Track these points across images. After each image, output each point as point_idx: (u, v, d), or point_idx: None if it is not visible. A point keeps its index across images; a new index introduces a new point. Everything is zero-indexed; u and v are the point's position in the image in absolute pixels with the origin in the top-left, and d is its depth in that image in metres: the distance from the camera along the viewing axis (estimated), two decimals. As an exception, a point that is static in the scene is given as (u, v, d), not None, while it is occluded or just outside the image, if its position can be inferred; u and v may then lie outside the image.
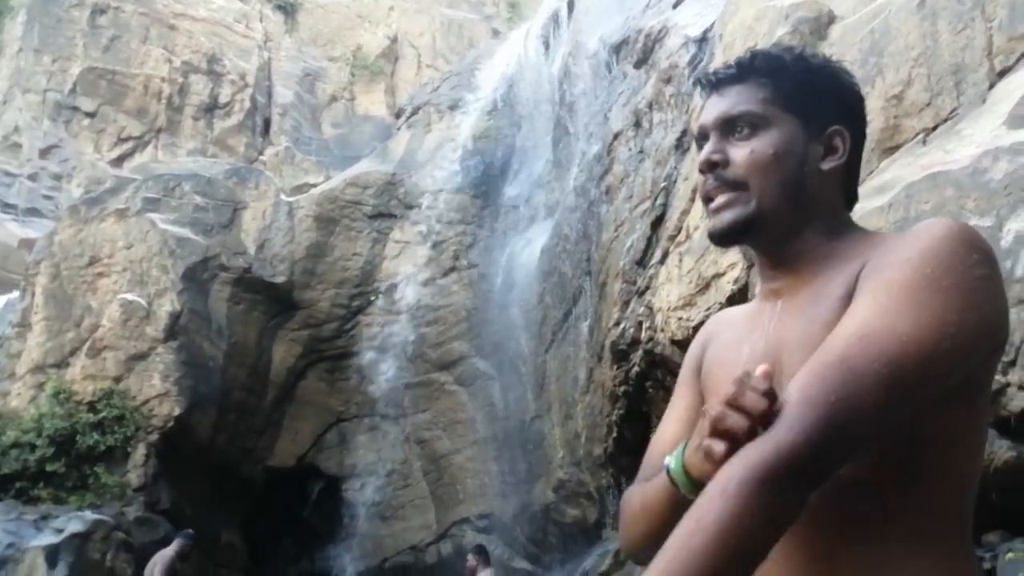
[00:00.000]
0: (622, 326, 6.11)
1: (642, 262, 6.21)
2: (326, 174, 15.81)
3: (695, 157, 1.20)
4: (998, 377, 2.64)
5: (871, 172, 3.97)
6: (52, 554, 8.99)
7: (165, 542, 10.07)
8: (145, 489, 10.44)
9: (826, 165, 1.07)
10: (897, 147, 3.84)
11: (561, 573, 8.76)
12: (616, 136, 7.85)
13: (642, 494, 1.01)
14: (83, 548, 9.11)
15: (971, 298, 0.87)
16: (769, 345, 1.01)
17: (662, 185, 6.31)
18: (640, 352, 5.76)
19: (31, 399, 10.86)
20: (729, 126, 1.09)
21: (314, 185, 14.33)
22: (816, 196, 1.07)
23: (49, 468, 10.09)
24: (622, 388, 6.21)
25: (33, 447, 10.13)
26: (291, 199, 12.59)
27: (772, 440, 0.80)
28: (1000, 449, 2.61)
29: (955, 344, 0.85)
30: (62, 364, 11.09)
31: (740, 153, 1.06)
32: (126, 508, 10.07)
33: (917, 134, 3.74)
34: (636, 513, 1.03)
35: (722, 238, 1.08)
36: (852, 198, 1.14)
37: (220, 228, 12.04)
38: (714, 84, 1.12)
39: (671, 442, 1.05)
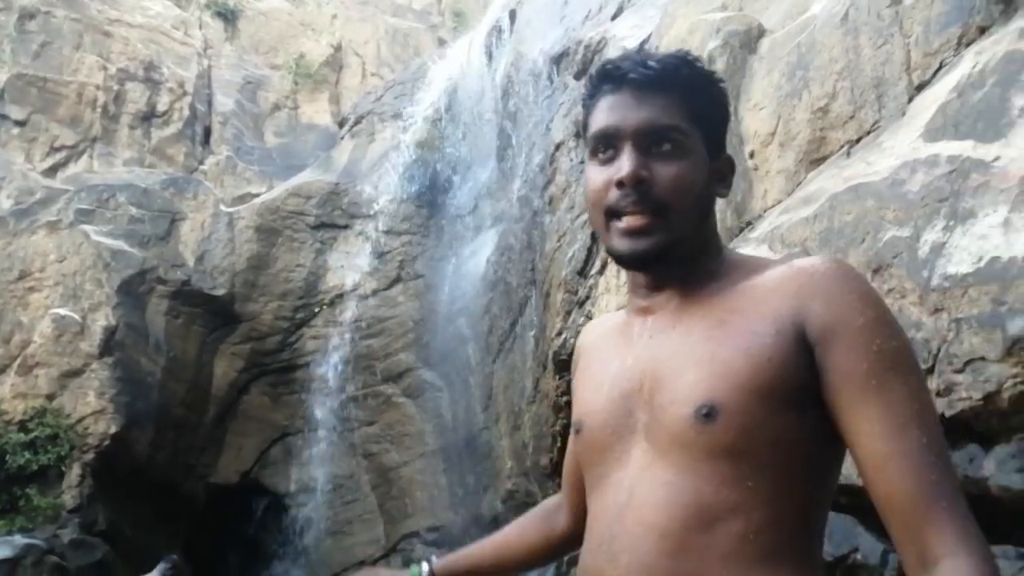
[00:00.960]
0: (563, 336, 6.14)
1: (583, 272, 6.25)
2: (269, 184, 15.54)
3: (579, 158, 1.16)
4: (917, 384, 2.72)
5: (799, 183, 4.06)
6: (-20, 581, 8.64)
7: (101, 566, 9.76)
8: (80, 511, 10.10)
9: (720, 191, 1.08)
10: (823, 159, 3.93)
11: (510, 584, 8.73)
12: (558, 147, 7.90)
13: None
14: (13, 573, 8.77)
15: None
16: (639, 363, 1.01)
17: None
18: (582, 362, 5.81)
19: (-43, 420, 10.43)
20: (649, 138, 1.03)
21: (257, 195, 14.08)
22: (710, 221, 1.07)
23: (-23, 491, 9.71)
24: (564, 398, 6.24)
25: (-41, 470, 9.74)
26: (231, 210, 12.37)
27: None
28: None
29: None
30: (-9, 383, 10.68)
31: (665, 173, 1.02)
32: (60, 531, 9.73)
33: (842, 146, 3.83)
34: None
35: (637, 263, 1.06)
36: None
37: (157, 240, 11.76)
38: (631, 82, 1.05)
39: (570, 452, 1.12)
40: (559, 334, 6.33)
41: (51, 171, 16.05)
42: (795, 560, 0.91)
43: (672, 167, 1.03)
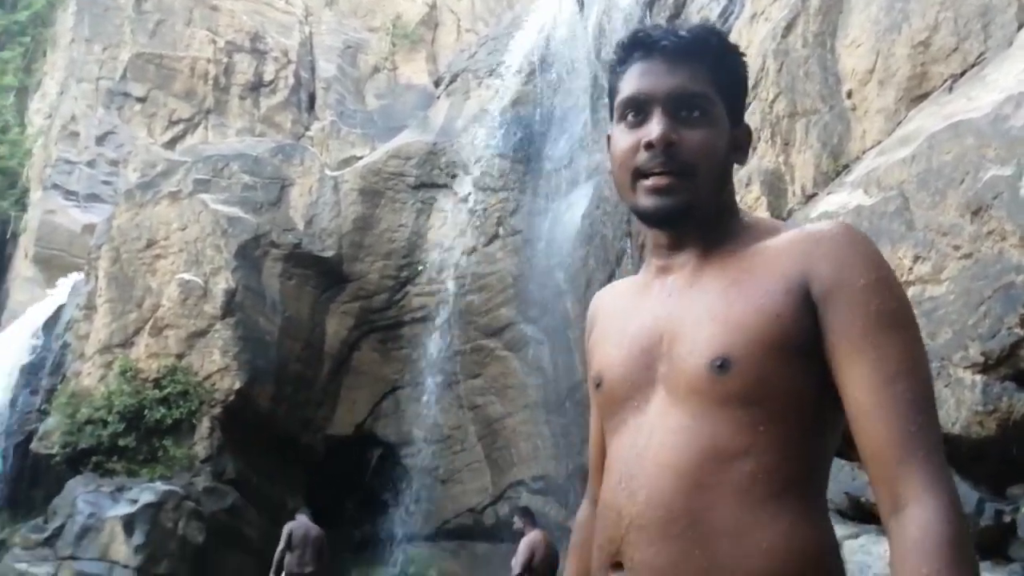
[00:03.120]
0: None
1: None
2: (372, 146, 15.97)
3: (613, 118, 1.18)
4: (1016, 330, 2.59)
5: (898, 123, 3.87)
6: (129, 523, 9.52)
7: (232, 511, 10.55)
8: (211, 460, 10.90)
9: (739, 159, 1.10)
10: (924, 95, 3.73)
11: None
12: (650, 94, 7.75)
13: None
14: (157, 517, 9.61)
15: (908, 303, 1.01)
16: (659, 319, 1.05)
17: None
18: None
19: (100, 378, 11.39)
20: (679, 104, 1.07)
21: (360, 158, 14.49)
22: (728, 187, 1.10)
23: (121, 443, 10.63)
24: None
25: (105, 423, 10.67)
26: (336, 174, 12.77)
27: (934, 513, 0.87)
28: (1018, 402, 2.57)
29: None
30: (127, 344, 11.58)
31: (693, 137, 1.06)
32: (195, 479, 10.55)
33: (944, 81, 3.62)
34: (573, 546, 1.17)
35: (661, 221, 1.09)
36: None
37: (269, 206, 12.31)
38: (663, 50, 1.08)
39: (595, 442, 1.16)
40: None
41: (170, 144, 17.02)
42: (799, 499, 0.95)
43: (699, 132, 1.06)
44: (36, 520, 10.36)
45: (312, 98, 18.41)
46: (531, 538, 6.62)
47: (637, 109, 1.09)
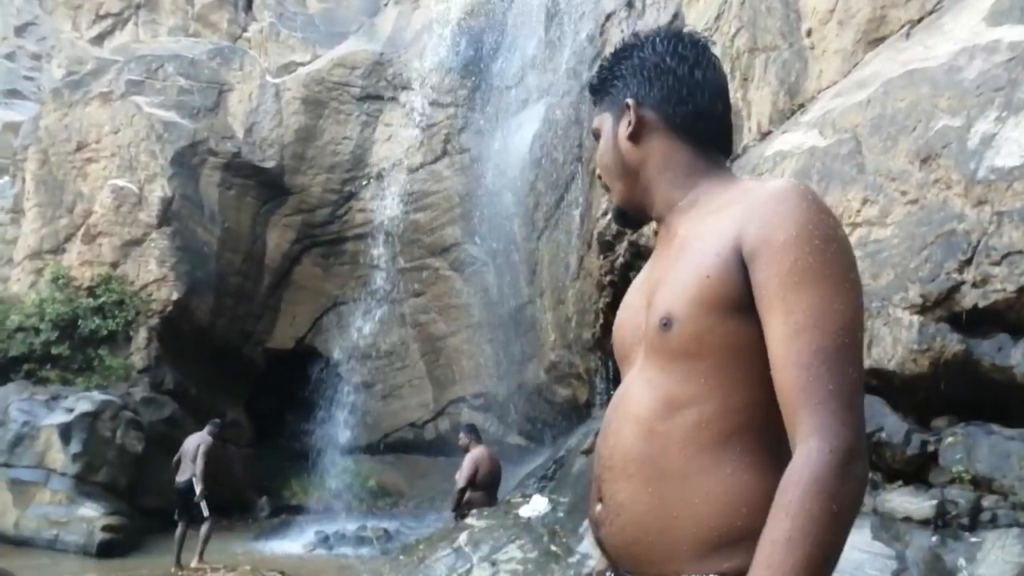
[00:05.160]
0: (608, 217, 6.18)
1: (630, 150, 6.19)
2: (313, 52, 15.33)
3: None
4: (953, 275, 2.76)
5: (855, 64, 3.95)
6: (65, 432, 9.41)
7: (171, 421, 10.52)
8: (149, 371, 10.79)
9: (624, 134, 1.18)
10: (882, 39, 3.80)
11: (552, 448, 9.21)
12: (608, 17, 7.65)
13: None
14: (94, 426, 9.53)
15: (850, 258, 1.03)
16: (647, 282, 1.17)
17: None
18: (625, 243, 5.87)
19: (31, 284, 11.04)
20: (596, 136, 1.27)
21: (301, 64, 13.94)
22: (640, 164, 1.17)
23: (54, 351, 10.41)
24: (608, 278, 6.36)
25: (37, 331, 10.40)
26: (277, 80, 12.33)
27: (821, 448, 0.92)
28: (951, 343, 2.76)
29: (859, 293, 1.01)
30: (58, 250, 11.21)
31: (599, 159, 1.26)
32: (132, 389, 10.45)
33: (902, 26, 3.70)
34: None
35: (621, 227, 1.32)
36: (705, 140, 1.20)
37: (206, 111, 11.86)
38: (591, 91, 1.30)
39: None
40: (604, 215, 6.38)
41: (98, 39, 16.04)
42: (744, 448, 1.02)
43: (599, 153, 1.26)
44: (-34, 427, 10.16)
45: (250, -2, 17.50)
46: (476, 454, 6.82)
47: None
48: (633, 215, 1.24)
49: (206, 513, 7.88)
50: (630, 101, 1.19)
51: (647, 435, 1.06)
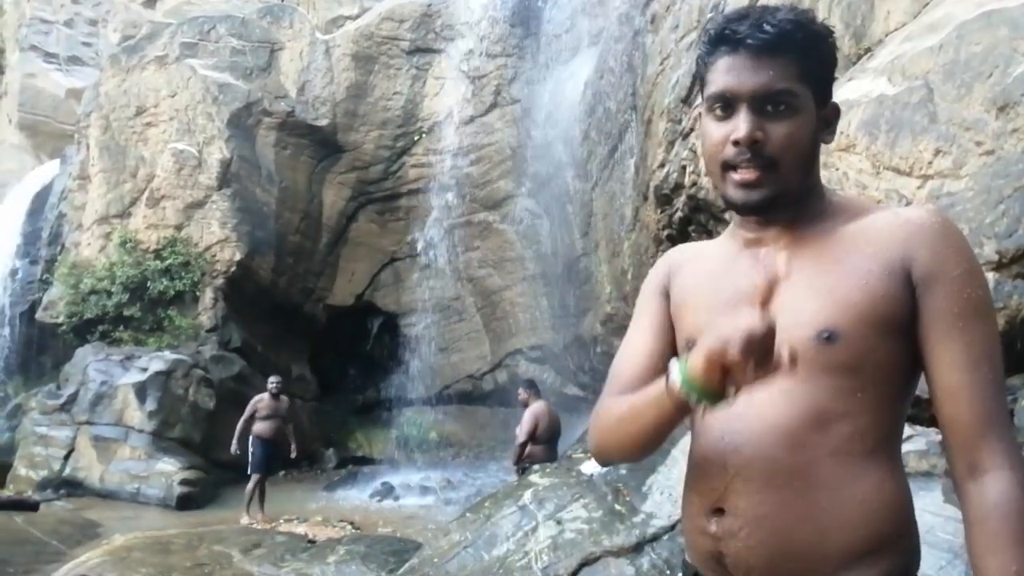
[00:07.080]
0: (666, 169, 6.06)
1: (687, 100, 6.03)
2: (360, 5, 15.27)
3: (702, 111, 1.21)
4: (1033, 232, 2.64)
5: (925, 5, 3.75)
6: (141, 390, 9.83)
7: (239, 378, 10.88)
8: (217, 330, 11.13)
9: (826, 138, 1.14)
10: (956, -23, 3.59)
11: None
12: (661, -41, 7.38)
13: (630, 404, 1.14)
14: (167, 384, 9.92)
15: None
16: (759, 290, 1.12)
17: (709, 15, 6.00)
18: (683, 197, 5.75)
19: (100, 248, 11.43)
20: (764, 101, 1.10)
21: (349, 17, 13.89)
22: (815, 162, 1.14)
23: (126, 313, 10.81)
24: (666, 231, 6.26)
25: (109, 293, 10.81)
26: (327, 37, 12.31)
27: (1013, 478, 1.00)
28: (1028, 302, 2.66)
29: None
30: (124, 214, 11.55)
31: (777, 132, 1.10)
32: (201, 348, 10.81)
33: (979, -38, 3.48)
34: (615, 422, 1.17)
35: (749, 211, 1.16)
36: None
37: (259, 71, 11.95)
38: (748, 47, 1.10)
39: (641, 353, 1.21)
40: (661, 166, 6.25)
41: (151, 3, 16.23)
42: (886, 457, 1.08)
43: (784, 126, 1.10)
44: (49, 386, 10.68)
45: (296, -48, 17.41)
46: (535, 408, 6.91)
47: (724, 104, 1.13)
48: (783, 205, 1.14)
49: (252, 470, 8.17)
50: (839, 108, 1.17)
51: (797, 447, 1.07)
